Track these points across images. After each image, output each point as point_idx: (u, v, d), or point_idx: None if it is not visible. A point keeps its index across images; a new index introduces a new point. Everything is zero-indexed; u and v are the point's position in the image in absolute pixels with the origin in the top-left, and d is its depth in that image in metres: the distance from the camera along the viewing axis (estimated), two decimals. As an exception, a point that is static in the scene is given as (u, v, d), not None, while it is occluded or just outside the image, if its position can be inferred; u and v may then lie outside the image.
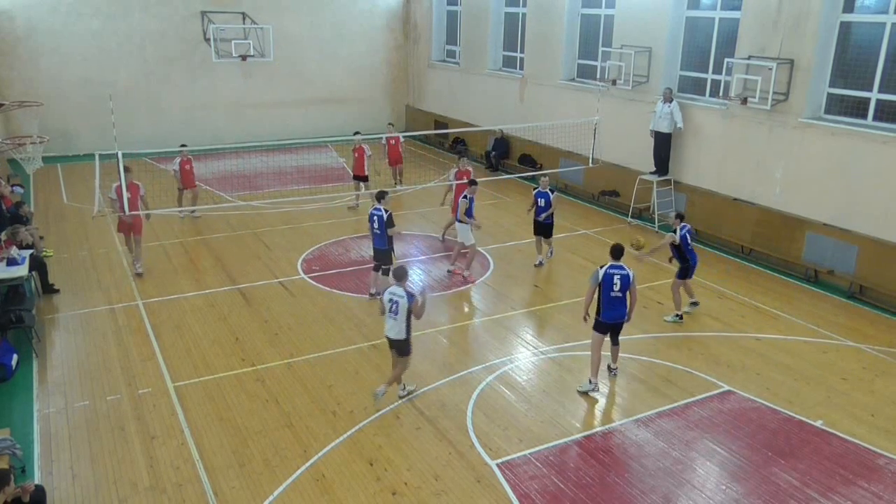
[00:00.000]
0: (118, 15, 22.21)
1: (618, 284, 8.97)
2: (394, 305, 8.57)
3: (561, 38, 19.51)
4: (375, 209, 11.63)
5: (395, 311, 8.58)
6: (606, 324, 9.20)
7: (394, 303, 8.57)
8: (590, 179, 18.29)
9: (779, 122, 13.89)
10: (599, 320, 9.18)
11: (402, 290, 8.57)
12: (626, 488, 7.51)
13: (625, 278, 8.99)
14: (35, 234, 12.73)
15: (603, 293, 9.04)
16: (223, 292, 12.32)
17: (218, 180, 19.33)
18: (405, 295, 8.53)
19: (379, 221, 11.53)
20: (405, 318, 8.61)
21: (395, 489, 7.43)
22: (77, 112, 21.95)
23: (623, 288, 9.01)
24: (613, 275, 8.99)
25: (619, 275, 8.99)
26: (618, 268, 9.04)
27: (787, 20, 13.50)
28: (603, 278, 9.01)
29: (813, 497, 7.41)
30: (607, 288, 9.01)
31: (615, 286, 8.98)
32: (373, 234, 11.78)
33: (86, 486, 7.43)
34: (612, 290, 9.00)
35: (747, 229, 14.58)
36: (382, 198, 11.71)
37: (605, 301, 9.07)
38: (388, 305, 8.62)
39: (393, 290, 8.61)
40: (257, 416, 8.67)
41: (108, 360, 9.96)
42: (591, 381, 9.30)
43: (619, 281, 8.97)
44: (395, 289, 8.60)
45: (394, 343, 8.82)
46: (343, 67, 25.97)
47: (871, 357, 10.47)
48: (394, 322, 8.65)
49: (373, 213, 11.62)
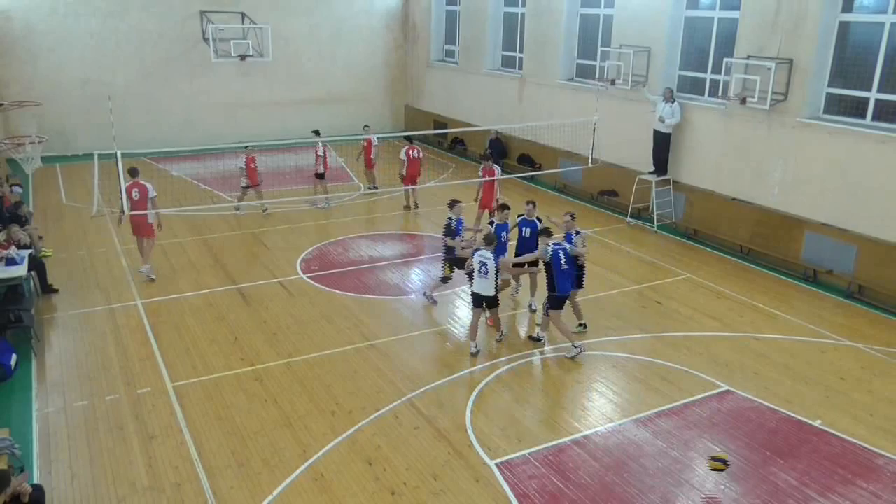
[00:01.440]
0: (117, 15, 22.20)
1: (563, 258, 9.92)
2: (483, 267, 9.91)
3: (560, 37, 19.52)
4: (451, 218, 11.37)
5: (486, 271, 9.91)
6: (563, 296, 10.12)
7: (483, 265, 9.90)
8: (589, 179, 18.29)
9: (778, 121, 13.89)
10: (555, 296, 10.05)
11: (490, 252, 9.89)
12: (625, 488, 7.51)
13: (566, 252, 10.02)
14: (34, 233, 12.72)
15: (554, 269, 9.91)
16: (222, 292, 12.32)
17: (217, 180, 19.32)
18: (492, 257, 9.87)
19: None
20: (494, 277, 9.97)
21: (393, 489, 7.43)
22: (76, 112, 21.93)
23: (568, 261, 10.00)
24: (559, 250, 9.94)
25: (562, 249, 9.99)
26: (559, 244, 10.06)
27: (785, 20, 13.50)
28: (552, 256, 9.95)
29: (811, 496, 7.42)
30: (557, 264, 9.90)
31: (562, 261, 9.91)
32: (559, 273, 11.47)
33: (84, 486, 7.43)
34: (560, 265, 9.90)
35: (746, 229, 14.58)
36: (453, 206, 11.46)
37: (557, 276, 9.92)
38: (478, 267, 9.93)
39: (482, 254, 9.92)
40: (256, 415, 8.67)
41: (106, 360, 9.96)
42: (574, 345, 10.12)
43: (564, 255, 9.94)
44: (484, 252, 9.92)
45: (485, 299, 10.12)
46: (342, 67, 25.97)
47: (870, 357, 10.48)
48: (485, 281, 9.97)
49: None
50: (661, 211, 16.13)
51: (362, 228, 15.83)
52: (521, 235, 11.34)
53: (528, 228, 11.25)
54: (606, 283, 12.94)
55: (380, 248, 14.63)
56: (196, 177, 19.73)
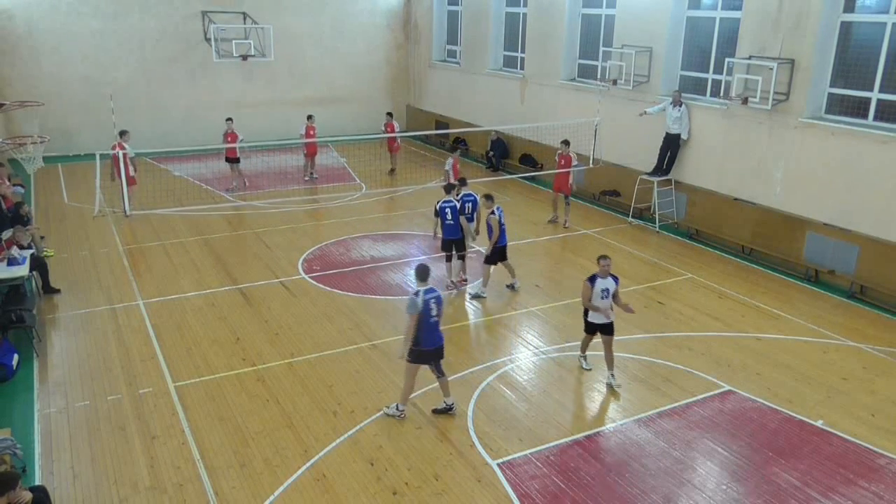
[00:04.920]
0: (118, 14, 22.22)
1: (435, 310, 8.29)
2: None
3: (561, 37, 19.51)
4: (446, 201, 12.15)
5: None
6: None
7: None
8: (591, 179, 18.29)
9: (779, 121, 13.88)
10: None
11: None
12: (627, 488, 7.51)
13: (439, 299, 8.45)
14: (36, 233, 12.73)
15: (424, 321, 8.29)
16: (224, 292, 12.33)
17: (218, 180, 19.33)
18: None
19: (453, 212, 12.10)
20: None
21: (395, 489, 7.43)
22: (78, 112, 21.95)
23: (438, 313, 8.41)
24: (430, 300, 8.25)
25: (434, 298, 8.31)
26: (429, 290, 8.31)
27: (787, 20, 13.49)
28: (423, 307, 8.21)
29: (813, 497, 7.41)
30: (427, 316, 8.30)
31: (433, 312, 8.30)
32: (445, 226, 12.20)
33: (86, 486, 7.43)
34: (431, 315, 8.31)
35: (748, 229, 14.57)
36: (450, 190, 12.39)
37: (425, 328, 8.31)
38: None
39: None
40: (258, 415, 8.67)
41: (108, 360, 9.97)
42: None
43: (436, 305, 8.32)
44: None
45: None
46: (343, 67, 25.97)
47: (872, 357, 10.47)
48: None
49: (444, 206, 12.11)
50: (663, 211, 16.12)
51: (364, 228, 15.82)
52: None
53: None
54: (608, 283, 12.93)
55: (382, 247, 14.63)
56: (198, 177, 19.73)
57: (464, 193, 12.43)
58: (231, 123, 18.52)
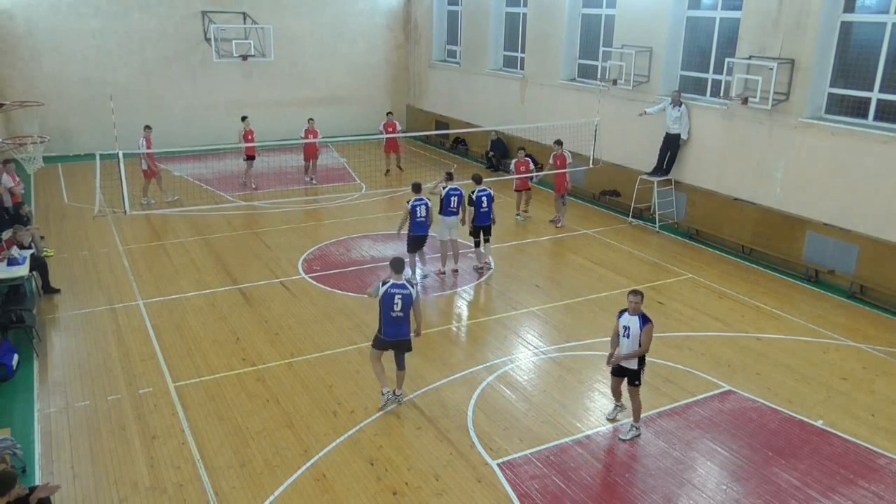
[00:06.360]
0: (118, 14, 22.21)
1: (399, 305, 8.43)
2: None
3: (561, 37, 19.51)
4: (482, 190, 13.06)
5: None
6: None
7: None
8: (591, 179, 18.29)
9: (779, 121, 13.88)
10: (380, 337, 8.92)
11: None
12: (627, 488, 7.51)
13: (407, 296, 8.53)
14: (36, 233, 12.73)
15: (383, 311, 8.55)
16: (224, 292, 12.33)
17: (218, 180, 19.33)
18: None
19: (488, 199, 13.14)
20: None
21: (395, 489, 7.43)
22: (77, 112, 21.95)
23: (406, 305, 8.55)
24: (396, 294, 8.43)
25: (401, 294, 8.46)
26: (399, 287, 8.48)
27: (787, 20, 13.49)
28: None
29: (813, 497, 7.41)
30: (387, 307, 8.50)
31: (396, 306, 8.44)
32: (478, 214, 13.08)
33: (86, 486, 7.43)
34: (394, 309, 8.45)
35: (748, 229, 14.57)
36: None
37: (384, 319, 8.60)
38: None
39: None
40: (258, 415, 8.67)
41: (108, 360, 9.97)
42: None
43: (401, 301, 8.43)
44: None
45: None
46: (343, 67, 25.97)
47: (872, 357, 10.47)
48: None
49: (480, 195, 13.07)
50: (663, 211, 16.12)
51: (364, 228, 15.82)
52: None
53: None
54: (608, 283, 12.94)
55: (382, 247, 14.63)
56: (198, 177, 19.73)
57: (450, 188, 13.06)
58: (247, 121, 18.79)
